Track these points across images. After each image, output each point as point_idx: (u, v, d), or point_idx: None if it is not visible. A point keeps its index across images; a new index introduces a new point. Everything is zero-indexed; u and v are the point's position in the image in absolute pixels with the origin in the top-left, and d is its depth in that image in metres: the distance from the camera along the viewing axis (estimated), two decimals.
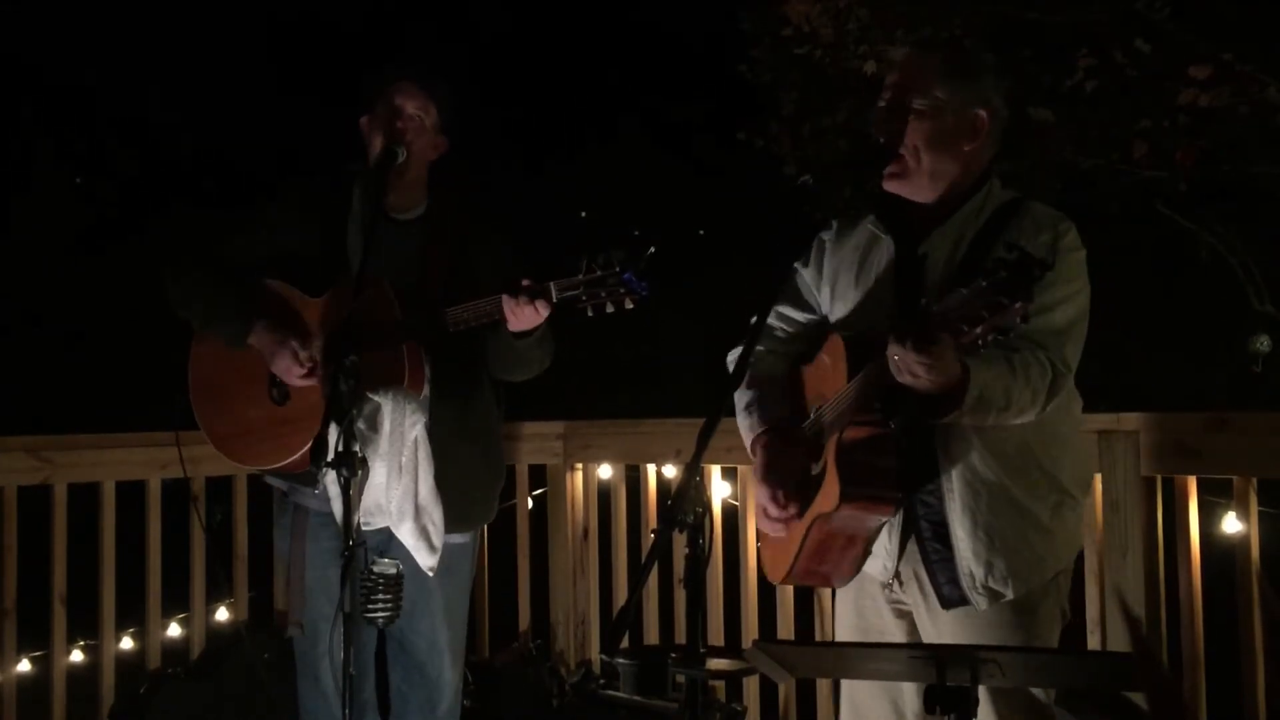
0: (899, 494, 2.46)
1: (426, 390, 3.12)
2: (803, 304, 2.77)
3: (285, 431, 3.07)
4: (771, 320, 2.79)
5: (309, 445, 2.69)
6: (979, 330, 2.11)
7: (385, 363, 3.01)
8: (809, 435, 2.59)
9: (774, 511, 2.59)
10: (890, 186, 2.58)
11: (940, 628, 2.52)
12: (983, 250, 2.45)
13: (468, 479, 3.21)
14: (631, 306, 2.85)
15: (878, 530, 2.51)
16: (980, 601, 2.45)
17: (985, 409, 2.34)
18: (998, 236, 2.46)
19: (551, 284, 2.87)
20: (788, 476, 2.60)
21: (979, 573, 2.44)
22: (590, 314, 2.86)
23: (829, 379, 2.54)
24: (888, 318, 2.47)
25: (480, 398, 3.26)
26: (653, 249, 2.82)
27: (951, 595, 2.47)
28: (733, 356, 2.77)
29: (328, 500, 2.99)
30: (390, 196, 3.15)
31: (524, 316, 2.90)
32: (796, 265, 2.76)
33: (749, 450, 2.73)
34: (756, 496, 2.67)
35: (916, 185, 2.56)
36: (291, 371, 3.04)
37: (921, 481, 2.47)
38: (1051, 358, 2.42)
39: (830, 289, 2.71)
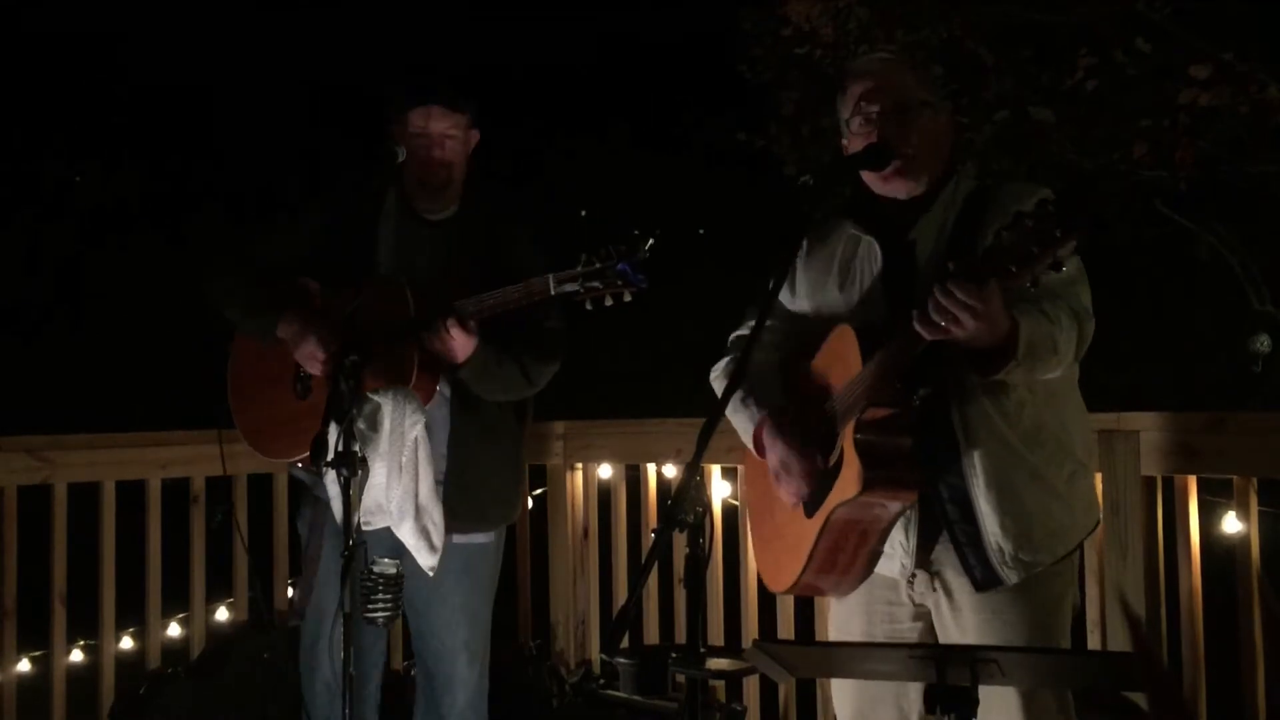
0: (920, 477, 2.41)
1: (447, 389, 3.14)
2: (785, 315, 2.76)
3: (305, 425, 3.09)
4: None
5: None
6: (1032, 268, 2.08)
7: (395, 359, 3.05)
8: (821, 430, 2.52)
9: (796, 467, 2.51)
10: (889, 187, 2.59)
11: (963, 624, 2.49)
12: (967, 231, 2.47)
13: (487, 477, 3.23)
14: (629, 299, 2.88)
15: (894, 521, 2.46)
16: (1011, 576, 2.42)
17: (1034, 357, 2.30)
18: (979, 218, 2.48)
19: (550, 276, 2.92)
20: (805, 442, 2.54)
21: (1007, 546, 2.42)
22: (589, 307, 2.91)
23: (838, 369, 2.49)
24: (884, 309, 2.49)
25: None
26: (651, 242, 2.86)
27: (985, 576, 2.44)
28: (716, 374, 2.78)
29: None
30: (422, 198, 3.27)
31: (445, 346, 2.99)
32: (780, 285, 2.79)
33: (751, 444, 2.68)
34: (771, 462, 2.58)
35: (915, 181, 2.58)
36: (314, 358, 3.10)
37: (943, 463, 2.44)
38: (1072, 304, 2.41)
39: (808, 301, 2.71)
